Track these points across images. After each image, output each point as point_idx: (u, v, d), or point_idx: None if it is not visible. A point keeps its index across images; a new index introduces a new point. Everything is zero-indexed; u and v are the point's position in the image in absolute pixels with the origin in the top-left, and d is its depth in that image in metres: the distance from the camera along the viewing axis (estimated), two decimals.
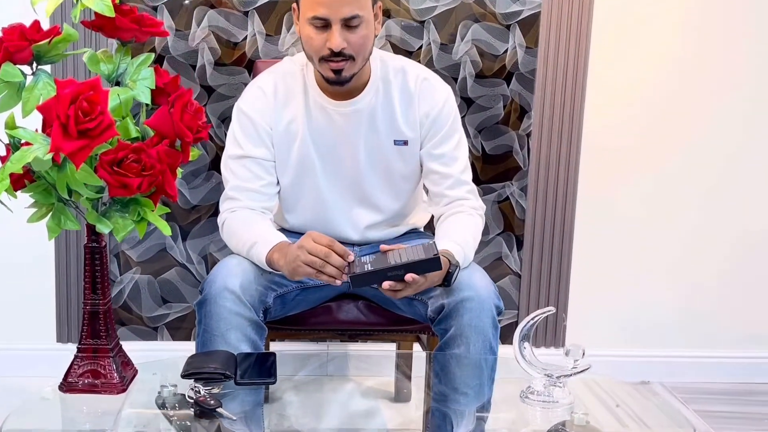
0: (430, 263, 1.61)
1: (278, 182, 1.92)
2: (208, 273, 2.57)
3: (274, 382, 1.55)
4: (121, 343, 2.56)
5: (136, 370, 1.57)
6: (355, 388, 2.47)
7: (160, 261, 2.62)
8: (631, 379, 2.78)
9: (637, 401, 2.52)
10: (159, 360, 1.70)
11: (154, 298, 2.65)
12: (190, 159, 1.40)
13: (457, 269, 1.72)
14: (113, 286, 2.62)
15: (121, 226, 1.38)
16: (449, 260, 1.71)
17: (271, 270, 1.77)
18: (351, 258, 1.66)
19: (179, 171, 1.40)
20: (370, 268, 1.63)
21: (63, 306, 2.61)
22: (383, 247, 1.72)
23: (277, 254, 1.72)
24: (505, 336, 2.65)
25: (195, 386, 1.47)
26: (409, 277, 1.62)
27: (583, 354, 1.50)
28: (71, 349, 1.54)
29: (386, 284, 1.62)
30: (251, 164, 1.87)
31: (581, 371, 1.52)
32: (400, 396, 2.45)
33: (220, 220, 1.90)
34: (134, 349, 2.59)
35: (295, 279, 1.71)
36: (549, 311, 1.54)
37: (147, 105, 1.42)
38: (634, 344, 2.80)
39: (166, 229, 1.39)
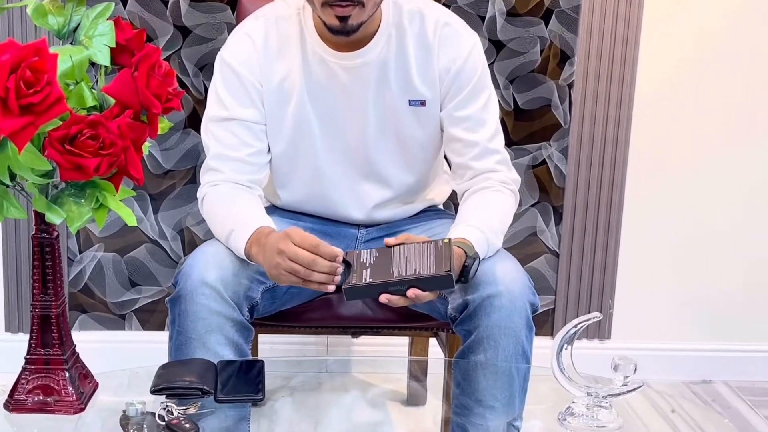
0: (440, 281, 1.60)
1: (269, 150, 1.89)
2: (184, 252, 2.63)
3: (261, 399, 1.53)
4: (83, 333, 2.62)
5: (97, 384, 1.55)
6: (360, 390, 2.49)
7: (127, 236, 2.62)
8: (689, 378, 2.80)
9: (697, 405, 2.54)
10: (124, 369, 1.69)
11: (121, 280, 2.65)
12: (159, 133, 1.38)
13: (476, 262, 1.69)
14: (72, 266, 2.63)
15: (76, 215, 1.36)
16: (465, 251, 1.69)
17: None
18: (341, 259, 1.64)
19: (146, 147, 1.37)
20: (368, 280, 1.62)
21: (12, 291, 2.62)
22: (388, 241, 1.70)
23: (255, 248, 1.70)
24: (537, 327, 2.64)
25: (167, 404, 1.45)
26: (411, 293, 1.61)
27: (635, 369, 1.48)
28: (23, 340, 1.55)
29: (383, 298, 1.62)
30: (237, 128, 1.85)
31: (632, 390, 1.50)
32: (414, 399, 2.47)
33: (200, 194, 1.89)
34: (97, 340, 2.70)
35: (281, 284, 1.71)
36: (594, 318, 1.51)
37: (106, 67, 1.39)
38: (693, 337, 2.81)
39: (130, 219, 1.37)
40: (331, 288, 1.64)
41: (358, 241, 1.97)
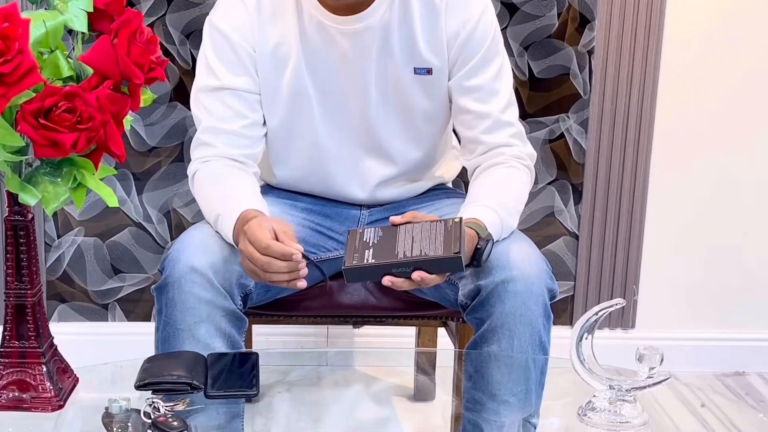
0: (448, 264, 1.59)
1: (264, 123, 1.89)
2: (171, 236, 2.64)
3: (256, 394, 1.53)
4: (62, 324, 2.63)
5: (77, 379, 1.55)
6: (363, 384, 2.49)
7: (109, 219, 2.63)
8: (720, 370, 2.80)
9: (729, 399, 2.54)
10: (106, 363, 1.69)
11: (103, 267, 2.66)
12: (142, 105, 1.37)
13: (489, 244, 1.69)
14: (50, 251, 2.63)
15: (52, 196, 1.36)
16: (478, 233, 1.69)
17: None
18: (299, 256, 1.63)
19: (127, 122, 1.37)
20: (370, 261, 1.61)
21: None
22: (393, 219, 1.71)
23: (241, 237, 1.69)
24: (555, 315, 2.64)
25: (153, 400, 1.44)
26: (417, 275, 1.60)
27: (661, 360, 1.47)
28: None
29: (386, 280, 1.61)
30: (230, 98, 1.86)
31: (658, 383, 1.49)
32: (422, 394, 2.47)
33: (190, 171, 1.89)
34: (78, 332, 2.71)
35: None
36: (617, 305, 1.51)
37: (83, 34, 1.38)
38: (724, 325, 2.82)
39: (111, 199, 1.37)
40: (301, 285, 1.64)
41: (361, 223, 1.97)
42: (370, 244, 1.65)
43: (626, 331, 2.76)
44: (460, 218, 1.66)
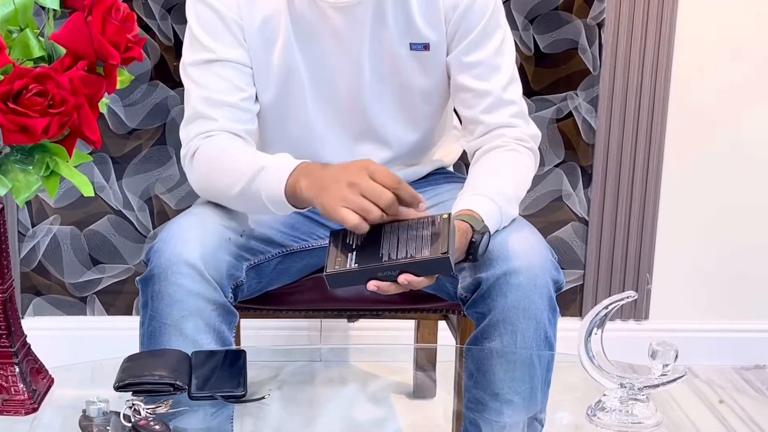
0: (436, 265, 1.57)
1: (257, 99, 1.90)
2: (153, 224, 2.65)
3: (244, 395, 1.53)
4: (38, 319, 2.63)
5: (52, 380, 1.54)
6: (360, 381, 2.49)
7: (86, 207, 2.63)
8: (740, 364, 2.80)
9: (749, 395, 2.54)
10: (85, 362, 1.69)
11: (81, 257, 2.66)
12: (119, 87, 1.36)
13: (484, 237, 1.68)
14: (24, 241, 2.64)
15: (24, 185, 1.34)
16: (472, 226, 1.68)
17: (275, 212, 1.74)
18: (423, 206, 1.63)
19: (103, 105, 1.36)
20: (353, 266, 1.59)
21: None
22: None
23: (305, 181, 1.67)
24: (564, 306, 2.66)
25: (133, 402, 1.45)
26: (403, 279, 1.58)
27: (676, 356, 1.46)
28: None
29: (372, 285, 1.59)
30: (224, 70, 1.85)
31: (673, 381, 1.48)
32: (421, 391, 2.48)
33: (187, 149, 1.85)
34: (55, 327, 2.71)
35: (330, 220, 1.68)
36: (628, 298, 1.50)
37: (55, 11, 1.36)
38: (743, 315, 2.83)
39: (86, 188, 1.36)
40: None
41: None
42: (353, 247, 1.63)
43: (639, 322, 2.77)
44: (449, 214, 1.65)
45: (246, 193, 1.74)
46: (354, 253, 1.62)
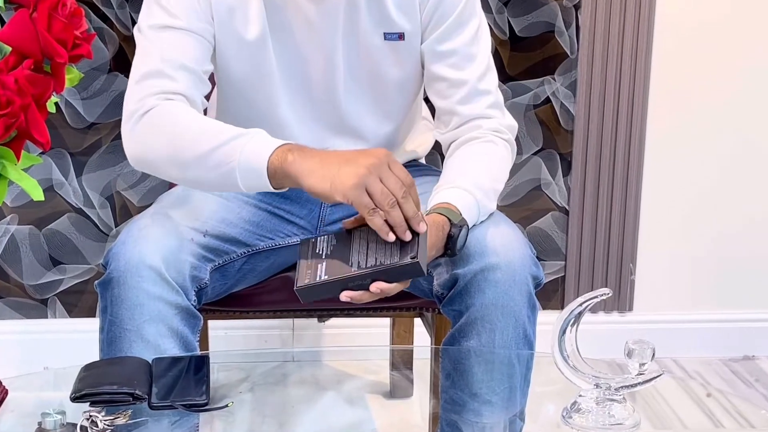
0: (407, 270, 1.58)
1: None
2: (116, 222, 2.65)
3: (206, 403, 1.52)
4: None
5: (6, 391, 1.54)
6: (334, 381, 2.49)
7: (45, 205, 2.63)
8: (727, 355, 2.81)
9: (737, 387, 2.55)
10: (40, 371, 1.68)
11: (40, 258, 2.66)
12: (67, 86, 1.35)
13: (463, 230, 1.69)
14: None
15: None
16: (449, 219, 1.68)
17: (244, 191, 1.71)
18: (423, 227, 1.60)
19: (51, 104, 1.35)
20: (323, 278, 1.60)
21: None
22: (345, 223, 1.69)
23: (295, 154, 1.63)
24: (545, 298, 2.66)
25: (91, 414, 1.44)
26: (375, 288, 1.59)
27: (653, 355, 1.46)
28: None
29: (344, 296, 1.60)
30: (188, 38, 1.81)
31: (650, 380, 1.48)
32: (398, 390, 2.48)
33: (137, 109, 1.76)
34: (15, 331, 2.70)
35: (328, 202, 1.67)
36: (604, 294, 1.50)
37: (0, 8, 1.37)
38: (731, 305, 2.84)
39: (35, 192, 1.35)
40: (392, 238, 1.60)
41: (324, 206, 1.97)
42: (323, 256, 1.63)
43: (623, 314, 2.78)
44: (422, 212, 1.66)
45: (210, 156, 1.68)
46: (324, 263, 1.62)
